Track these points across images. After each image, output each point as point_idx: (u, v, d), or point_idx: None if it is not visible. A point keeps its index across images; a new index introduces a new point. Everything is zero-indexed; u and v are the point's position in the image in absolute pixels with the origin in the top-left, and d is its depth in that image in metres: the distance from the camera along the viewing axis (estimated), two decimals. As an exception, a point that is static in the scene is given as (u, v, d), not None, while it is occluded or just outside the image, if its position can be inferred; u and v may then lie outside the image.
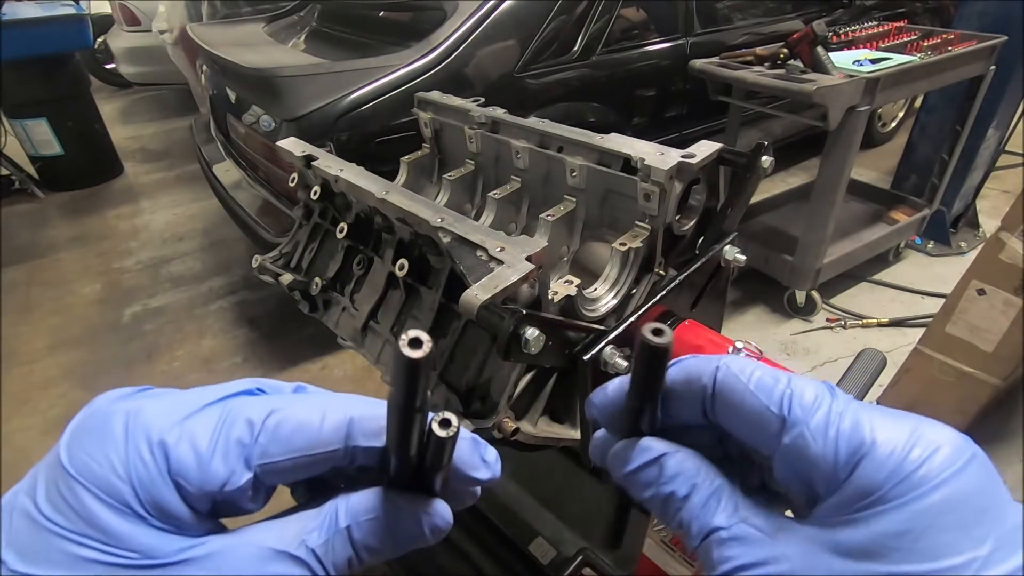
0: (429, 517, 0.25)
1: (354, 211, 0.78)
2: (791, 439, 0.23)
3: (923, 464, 0.21)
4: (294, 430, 0.23)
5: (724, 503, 0.25)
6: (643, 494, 0.27)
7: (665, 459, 0.26)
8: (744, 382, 0.25)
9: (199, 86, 3.14)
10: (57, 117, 3.74)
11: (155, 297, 2.82)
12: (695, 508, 0.25)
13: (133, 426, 0.22)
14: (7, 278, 2.99)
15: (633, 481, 0.27)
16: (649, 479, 0.26)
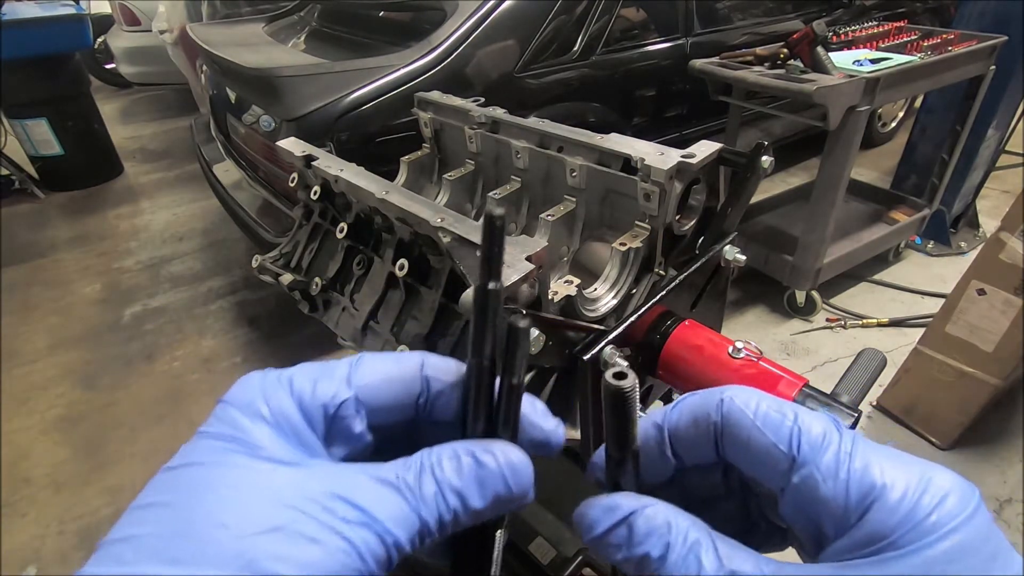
0: (507, 457, 0.26)
1: (354, 211, 0.78)
2: (800, 479, 0.23)
3: (934, 510, 0.21)
4: (379, 364, 0.28)
5: (706, 558, 0.23)
6: (615, 557, 0.25)
7: (633, 518, 0.25)
8: (751, 418, 0.25)
9: (199, 86, 3.14)
10: (57, 117, 3.75)
11: (155, 297, 2.82)
12: (674, 568, 0.23)
13: (266, 374, 0.26)
14: (7, 278, 2.99)
15: (602, 545, 0.25)
16: (618, 541, 0.25)
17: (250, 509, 0.21)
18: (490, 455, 0.25)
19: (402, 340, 0.71)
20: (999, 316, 1.60)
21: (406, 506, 0.23)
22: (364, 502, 0.22)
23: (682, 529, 0.24)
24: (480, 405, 0.27)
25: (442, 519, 0.24)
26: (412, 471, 0.24)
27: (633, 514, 0.25)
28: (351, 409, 0.26)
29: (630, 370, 0.25)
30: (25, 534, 1.75)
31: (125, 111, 5.64)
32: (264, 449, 0.23)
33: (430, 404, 0.28)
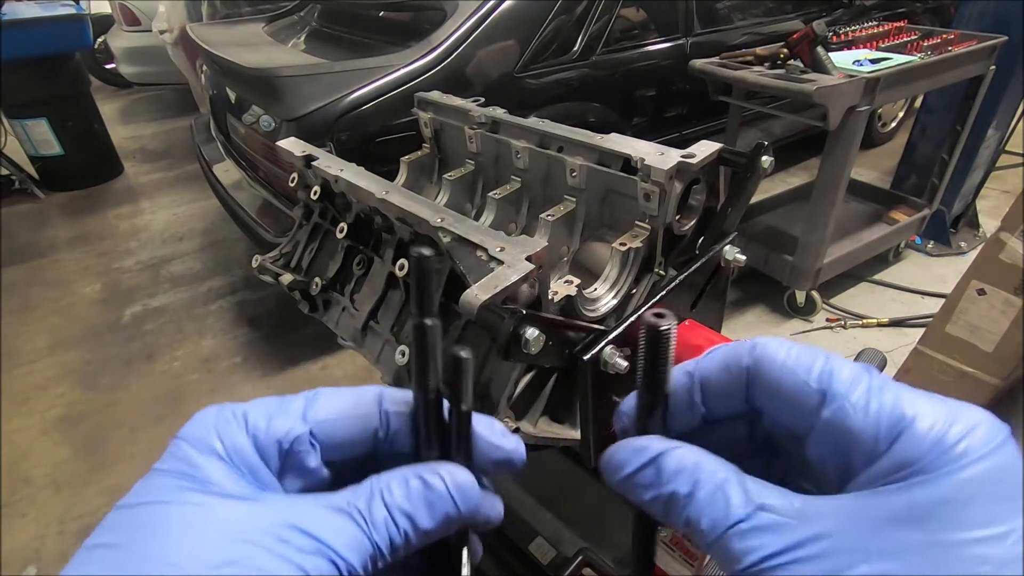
0: (454, 478, 0.26)
1: (354, 211, 0.78)
2: (831, 412, 0.23)
3: (964, 439, 0.21)
4: (335, 400, 0.28)
5: (734, 494, 0.23)
6: (642, 497, 0.25)
7: (662, 458, 0.25)
8: (782, 359, 0.25)
9: (199, 86, 3.14)
10: (57, 117, 3.75)
11: (155, 297, 2.82)
12: (702, 505, 0.24)
13: (222, 409, 0.26)
14: (7, 278, 2.99)
15: (630, 485, 0.26)
16: (647, 481, 0.25)
17: (202, 546, 0.21)
18: (437, 476, 0.26)
19: (402, 340, 0.71)
20: (999, 316, 1.60)
21: (358, 531, 0.24)
22: (316, 530, 0.23)
23: (710, 467, 0.24)
24: (432, 434, 0.28)
25: (393, 542, 0.24)
26: (363, 497, 0.25)
27: (661, 455, 0.25)
28: (305, 444, 0.26)
29: (670, 312, 0.25)
30: (25, 534, 1.75)
31: (125, 111, 5.64)
32: (216, 485, 0.23)
33: (390, 438, 0.28)
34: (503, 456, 0.29)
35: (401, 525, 0.24)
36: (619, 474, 0.26)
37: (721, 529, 0.23)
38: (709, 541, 0.23)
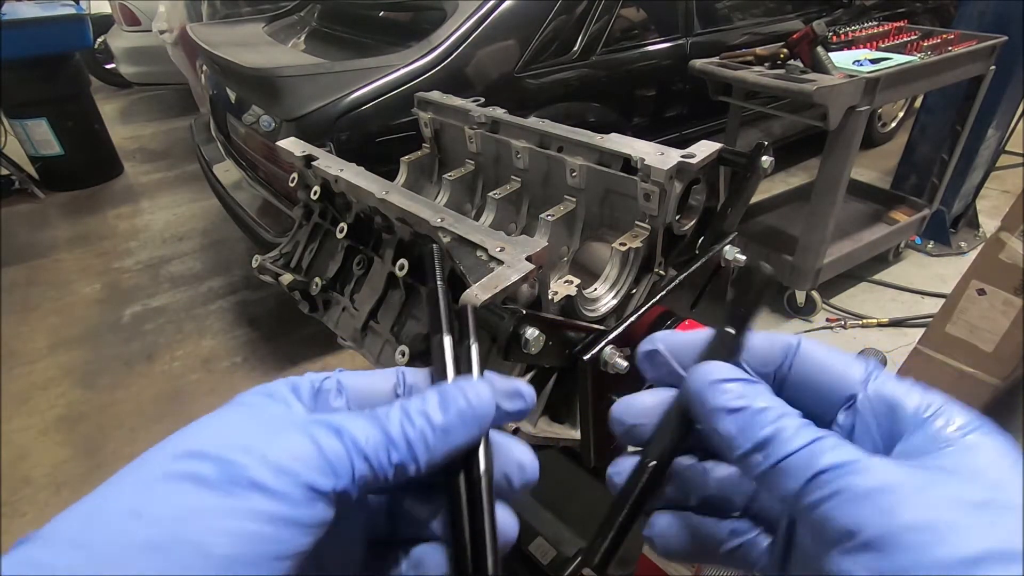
0: (465, 380, 0.29)
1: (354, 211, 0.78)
2: (878, 383, 0.27)
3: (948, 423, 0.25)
4: (360, 378, 0.31)
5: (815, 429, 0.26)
6: (728, 403, 0.27)
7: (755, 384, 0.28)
8: (825, 348, 0.29)
9: (199, 86, 3.14)
10: (57, 117, 3.74)
11: (155, 297, 2.82)
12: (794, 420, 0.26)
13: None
14: (7, 278, 2.99)
15: (717, 391, 0.27)
16: (739, 391, 0.27)
17: (247, 426, 0.26)
18: (449, 384, 0.29)
19: (402, 340, 0.71)
20: (999, 316, 1.60)
21: (374, 424, 0.26)
22: (337, 420, 0.26)
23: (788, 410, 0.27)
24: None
25: (407, 435, 0.26)
26: (383, 407, 0.28)
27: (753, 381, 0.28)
28: (333, 385, 0.29)
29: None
30: (25, 534, 1.75)
31: (125, 111, 5.64)
32: (284, 400, 0.28)
33: (407, 391, 0.31)
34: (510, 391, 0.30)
35: (416, 421, 0.27)
36: (712, 376, 0.27)
37: (814, 438, 0.24)
38: (792, 449, 0.24)
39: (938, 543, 0.20)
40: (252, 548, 0.22)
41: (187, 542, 0.21)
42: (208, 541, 0.22)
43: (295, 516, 0.23)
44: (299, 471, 0.24)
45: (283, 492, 0.23)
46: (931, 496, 0.21)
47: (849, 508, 0.22)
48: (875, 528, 0.21)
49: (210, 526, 0.22)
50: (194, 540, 0.21)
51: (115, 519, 0.22)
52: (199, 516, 0.22)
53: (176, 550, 0.21)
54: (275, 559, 0.23)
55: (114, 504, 0.23)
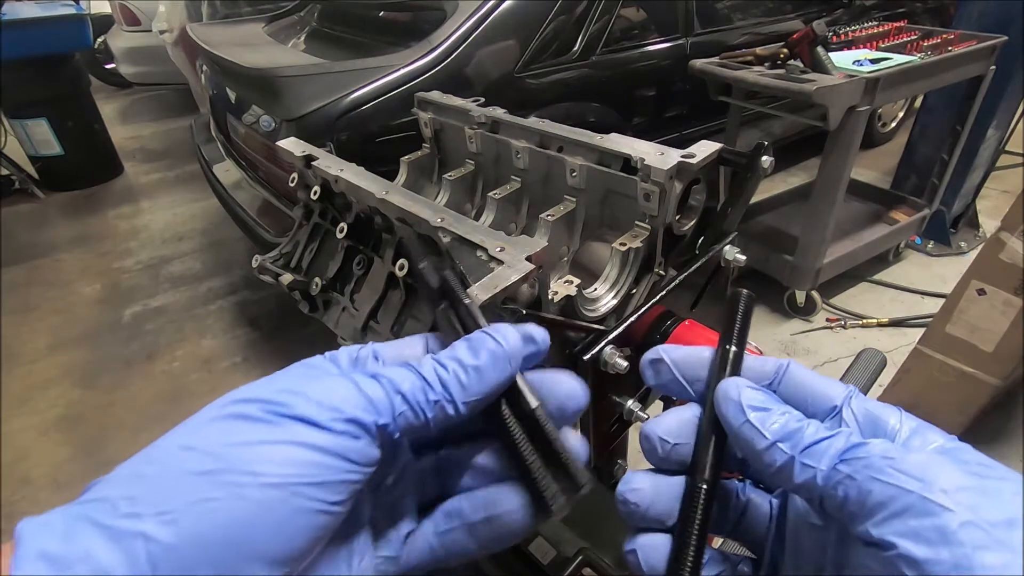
0: (491, 326, 0.30)
1: (354, 211, 0.78)
2: (860, 399, 0.29)
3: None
4: (392, 346, 0.33)
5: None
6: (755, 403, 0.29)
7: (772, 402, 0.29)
8: (811, 371, 0.31)
9: (199, 86, 3.14)
10: (57, 117, 3.74)
11: (155, 297, 2.82)
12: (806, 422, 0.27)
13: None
14: (7, 278, 2.99)
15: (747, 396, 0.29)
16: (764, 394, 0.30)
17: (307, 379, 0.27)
18: (476, 332, 0.30)
19: (402, 340, 0.71)
20: (999, 316, 1.60)
21: (409, 370, 0.28)
22: (374, 369, 0.28)
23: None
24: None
25: (441, 377, 0.27)
26: (415, 361, 0.29)
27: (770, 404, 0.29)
28: (368, 352, 0.31)
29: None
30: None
31: (125, 111, 5.64)
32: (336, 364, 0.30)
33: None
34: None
35: (450, 367, 0.28)
36: (739, 384, 0.30)
37: (839, 430, 0.27)
38: (819, 437, 0.26)
39: (979, 506, 0.21)
40: (298, 472, 0.23)
41: (235, 469, 0.22)
42: (255, 467, 0.23)
43: (339, 447, 0.24)
44: (341, 406, 0.25)
45: (326, 424, 0.24)
46: (964, 465, 0.23)
47: (887, 478, 0.23)
48: (915, 493, 0.22)
49: (257, 453, 0.23)
50: (242, 466, 0.22)
51: (168, 454, 0.24)
52: (246, 446, 0.23)
53: (225, 475, 0.22)
54: (321, 488, 0.23)
55: (168, 443, 0.24)
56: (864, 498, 0.23)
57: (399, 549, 0.30)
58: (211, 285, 2.88)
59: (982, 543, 0.20)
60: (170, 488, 0.22)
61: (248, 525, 0.22)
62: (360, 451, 0.25)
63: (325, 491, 0.23)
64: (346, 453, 0.24)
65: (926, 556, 0.20)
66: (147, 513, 0.21)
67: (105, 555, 0.20)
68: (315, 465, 0.23)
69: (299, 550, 0.23)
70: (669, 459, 0.31)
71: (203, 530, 0.21)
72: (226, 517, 0.21)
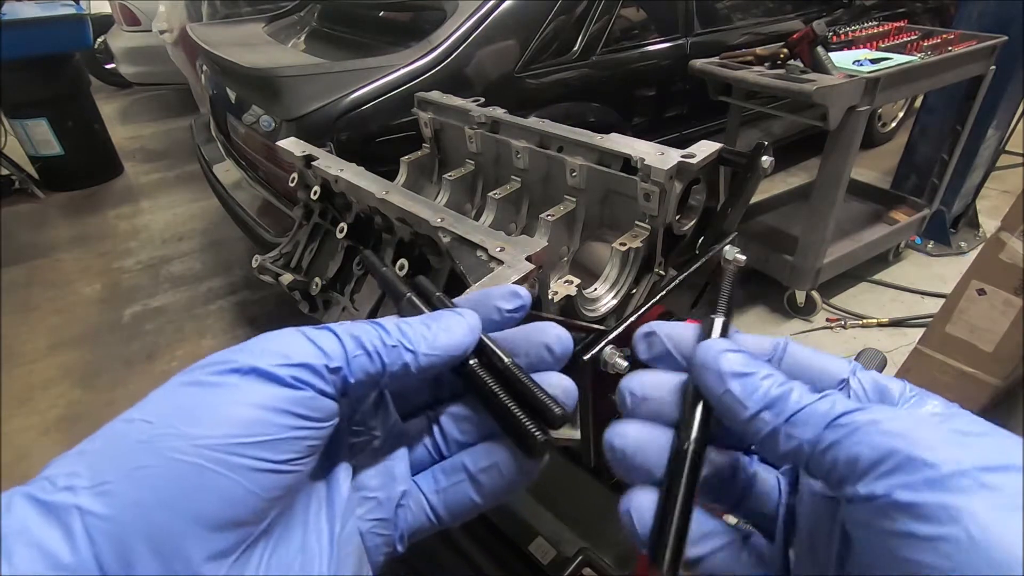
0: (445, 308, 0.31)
1: (354, 211, 0.78)
2: (865, 373, 0.28)
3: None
4: None
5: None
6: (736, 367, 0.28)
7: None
8: (811, 349, 0.30)
9: (199, 86, 3.14)
10: (57, 117, 3.74)
11: (155, 297, 2.82)
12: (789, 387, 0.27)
13: None
14: (7, 278, 2.99)
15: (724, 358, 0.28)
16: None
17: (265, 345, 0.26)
18: (440, 310, 0.31)
19: (402, 340, 0.71)
20: (999, 316, 1.60)
21: (367, 323, 0.27)
22: (334, 327, 0.27)
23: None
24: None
25: (401, 328, 0.28)
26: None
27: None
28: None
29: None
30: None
31: (125, 111, 5.64)
32: None
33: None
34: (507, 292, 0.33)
35: (412, 322, 0.28)
36: (717, 348, 0.28)
37: (825, 394, 0.26)
38: (805, 403, 0.25)
39: (963, 459, 0.21)
40: (237, 432, 0.22)
41: (171, 434, 0.22)
42: (191, 430, 0.22)
43: (285, 401, 0.23)
44: (289, 353, 0.24)
45: (271, 371, 0.23)
46: (948, 425, 0.23)
47: (875, 440, 0.22)
48: (903, 451, 0.21)
49: (194, 416, 0.22)
50: (178, 431, 0.22)
51: (111, 428, 0.23)
52: (185, 410, 0.23)
53: (161, 441, 0.22)
54: (264, 446, 0.22)
55: (114, 420, 0.24)
56: (853, 461, 0.23)
57: (391, 512, 0.29)
58: (211, 285, 2.88)
59: (968, 487, 0.20)
60: (108, 460, 0.22)
61: (185, 490, 0.21)
62: (311, 404, 0.24)
63: (269, 450, 0.22)
64: (293, 408, 0.23)
65: (912, 499, 0.20)
66: (82, 486, 0.21)
67: (41, 529, 0.20)
68: (257, 423, 0.22)
69: (247, 514, 0.22)
70: (636, 414, 0.31)
71: (138, 498, 0.21)
72: (161, 482, 0.21)
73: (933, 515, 0.20)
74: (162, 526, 0.21)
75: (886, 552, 0.21)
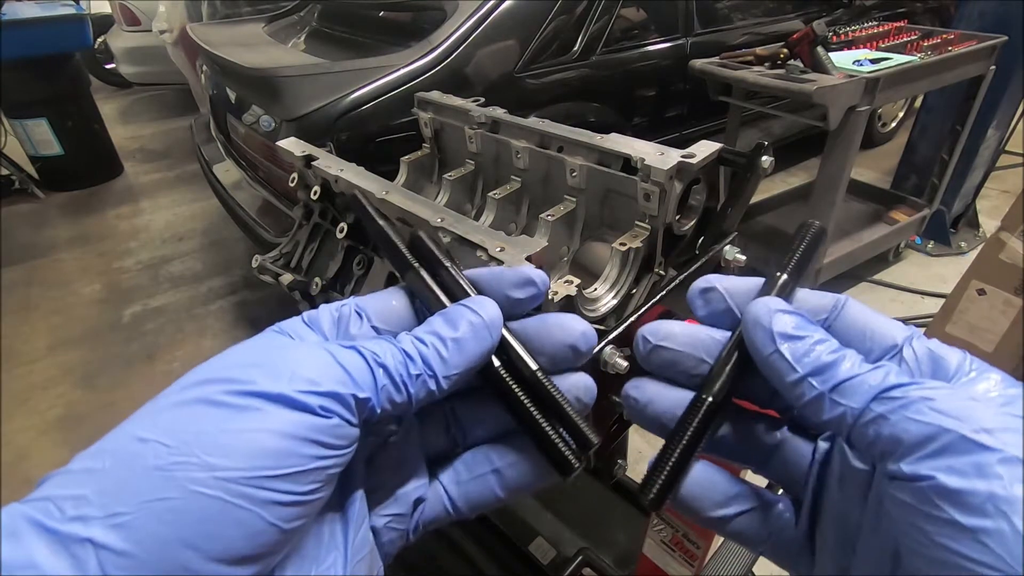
0: (468, 300, 0.29)
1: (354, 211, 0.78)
2: (922, 340, 0.26)
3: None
4: (375, 299, 0.31)
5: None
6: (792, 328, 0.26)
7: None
8: (870, 309, 0.28)
9: (199, 86, 3.14)
10: (57, 117, 3.74)
11: (155, 297, 2.82)
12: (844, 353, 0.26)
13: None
14: (7, 278, 2.99)
15: (786, 319, 0.27)
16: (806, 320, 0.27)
17: (271, 354, 0.25)
18: (453, 305, 0.29)
19: (402, 340, 0.71)
20: (999, 316, 1.60)
21: (389, 342, 0.26)
22: (353, 342, 0.26)
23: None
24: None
25: (420, 351, 0.26)
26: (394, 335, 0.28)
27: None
28: (350, 310, 0.29)
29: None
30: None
31: (125, 111, 5.64)
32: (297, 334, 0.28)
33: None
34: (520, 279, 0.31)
35: (428, 341, 0.27)
36: (773, 306, 0.27)
37: (878, 365, 0.25)
38: (855, 372, 0.24)
39: (1020, 444, 0.20)
40: (263, 464, 0.21)
41: (192, 462, 0.20)
42: (214, 460, 0.21)
43: (311, 430, 0.22)
44: (317, 378, 0.23)
45: (299, 400, 0.22)
46: (1005, 408, 0.21)
47: (926, 416, 0.21)
48: (955, 431, 0.20)
49: (217, 443, 0.21)
50: (199, 459, 0.21)
51: (121, 446, 0.22)
52: (206, 435, 0.21)
53: (181, 470, 0.20)
54: (289, 479, 0.21)
55: (122, 432, 0.22)
56: (899, 436, 0.22)
57: (407, 507, 0.29)
58: (211, 285, 2.88)
59: (1021, 478, 0.19)
60: (121, 486, 0.20)
61: (206, 525, 0.20)
62: (336, 432, 0.23)
63: (294, 482, 0.21)
64: (319, 437, 0.22)
65: (960, 486, 0.19)
66: (95, 516, 0.20)
67: (51, 562, 0.19)
68: (283, 454, 0.21)
69: (268, 545, 0.21)
70: (649, 362, 0.30)
71: (157, 533, 0.20)
72: (182, 517, 0.20)
73: (979, 505, 0.19)
74: (182, 564, 0.20)
75: (923, 535, 0.20)
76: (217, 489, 0.20)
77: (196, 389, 0.23)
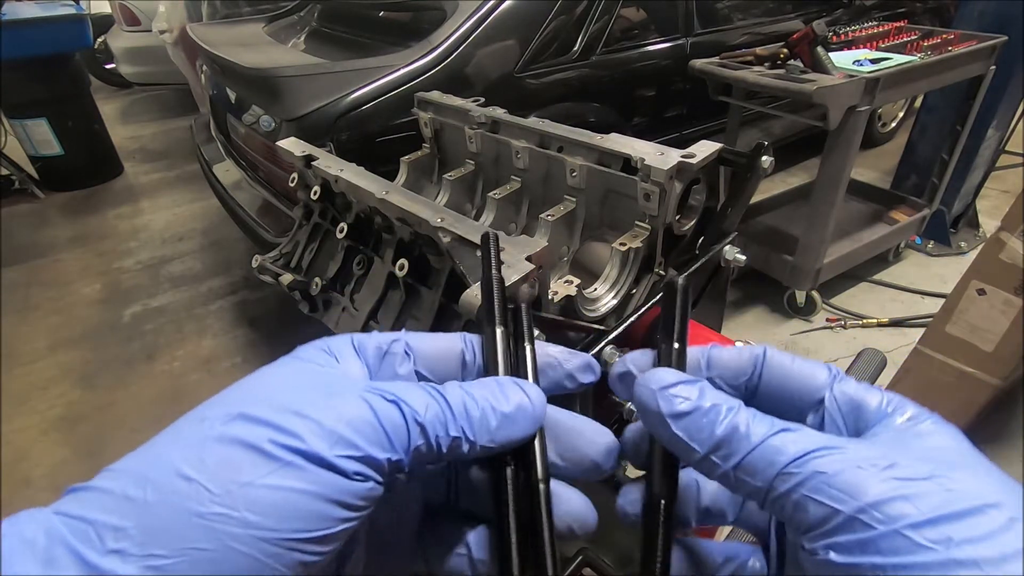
0: (515, 381, 0.28)
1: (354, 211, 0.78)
2: (843, 384, 0.27)
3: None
4: (427, 340, 0.31)
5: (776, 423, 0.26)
6: (679, 409, 0.26)
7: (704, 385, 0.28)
8: (791, 356, 0.29)
9: (199, 86, 3.14)
10: (57, 117, 3.74)
11: (155, 297, 2.82)
12: (751, 416, 0.26)
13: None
14: (7, 278, 2.99)
15: (667, 396, 0.27)
16: (691, 394, 0.27)
17: (308, 390, 0.27)
18: (510, 378, 0.29)
19: (402, 340, 0.71)
20: (999, 316, 1.60)
21: (434, 396, 0.26)
22: (397, 389, 0.26)
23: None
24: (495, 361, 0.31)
25: (468, 411, 0.26)
26: (443, 385, 0.28)
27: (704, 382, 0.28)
28: (400, 348, 0.29)
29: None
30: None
31: (125, 111, 5.64)
32: (342, 359, 0.29)
33: (475, 368, 0.31)
34: (573, 368, 0.31)
35: (481, 404, 0.27)
36: (653, 385, 0.27)
37: (773, 431, 0.25)
38: (752, 445, 0.25)
39: (902, 516, 0.21)
40: (299, 527, 0.22)
41: (232, 516, 0.21)
42: (254, 517, 0.21)
43: (346, 494, 0.23)
44: (355, 440, 0.23)
45: (338, 464, 0.23)
46: (890, 472, 0.23)
47: (820, 494, 0.23)
48: (843, 512, 0.22)
49: (259, 499, 0.22)
50: (240, 513, 0.21)
51: (165, 478, 0.22)
52: (249, 487, 0.22)
53: (221, 523, 0.21)
54: (319, 541, 0.22)
55: (167, 462, 0.23)
56: (800, 518, 0.23)
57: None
58: (211, 285, 2.88)
59: (900, 548, 0.21)
60: (162, 527, 0.21)
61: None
62: (367, 495, 0.24)
63: (322, 544, 0.23)
64: (351, 500, 0.23)
65: (847, 561, 0.22)
66: (133, 553, 0.20)
67: None
68: (316, 517, 0.22)
69: None
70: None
71: None
72: (216, 569, 0.21)
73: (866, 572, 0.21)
74: None
75: None
76: (253, 548, 0.21)
77: (241, 426, 0.23)
